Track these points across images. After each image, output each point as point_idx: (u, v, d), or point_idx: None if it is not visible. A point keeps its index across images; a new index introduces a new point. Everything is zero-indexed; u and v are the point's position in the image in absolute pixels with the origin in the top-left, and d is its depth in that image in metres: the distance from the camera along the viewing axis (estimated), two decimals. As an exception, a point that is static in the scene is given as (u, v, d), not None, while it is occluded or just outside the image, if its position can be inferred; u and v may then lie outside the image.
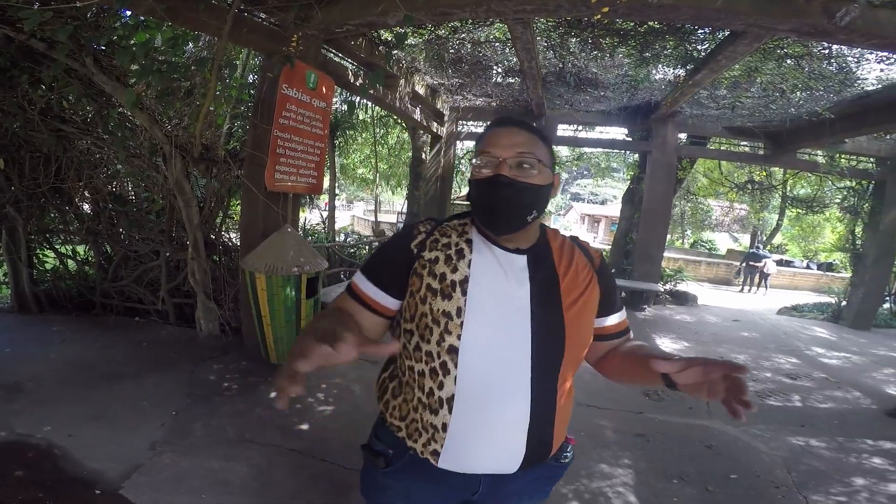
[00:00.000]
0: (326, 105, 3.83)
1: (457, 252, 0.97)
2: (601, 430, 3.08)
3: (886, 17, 2.62)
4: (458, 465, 0.95)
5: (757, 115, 6.19)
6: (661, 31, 3.98)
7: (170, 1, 2.50)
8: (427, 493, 1.01)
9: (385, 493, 1.04)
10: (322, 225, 9.39)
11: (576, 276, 1.00)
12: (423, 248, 0.99)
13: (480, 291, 0.93)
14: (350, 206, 31.77)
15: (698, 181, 12.00)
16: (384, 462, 1.01)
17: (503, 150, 0.92)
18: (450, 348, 0.91)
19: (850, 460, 2.96)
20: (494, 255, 0.97)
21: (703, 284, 14.53)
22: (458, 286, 0.93)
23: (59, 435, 2.41)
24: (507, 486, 1.03)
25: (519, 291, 0.94)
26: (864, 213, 7.97)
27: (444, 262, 0.96)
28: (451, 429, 0.92)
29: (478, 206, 0.96)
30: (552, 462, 1.07)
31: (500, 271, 0.95)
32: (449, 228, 1.02)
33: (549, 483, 1.12)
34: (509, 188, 0.90)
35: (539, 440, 0.96)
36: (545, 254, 1.01)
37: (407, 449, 0.98)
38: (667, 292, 8.33)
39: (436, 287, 0.94)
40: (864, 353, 5.87)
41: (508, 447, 0.94)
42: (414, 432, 0.97)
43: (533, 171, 0.92)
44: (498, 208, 0.92)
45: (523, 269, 0.96)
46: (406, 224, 1.03)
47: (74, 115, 3.93)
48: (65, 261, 4.60)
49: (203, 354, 3.59)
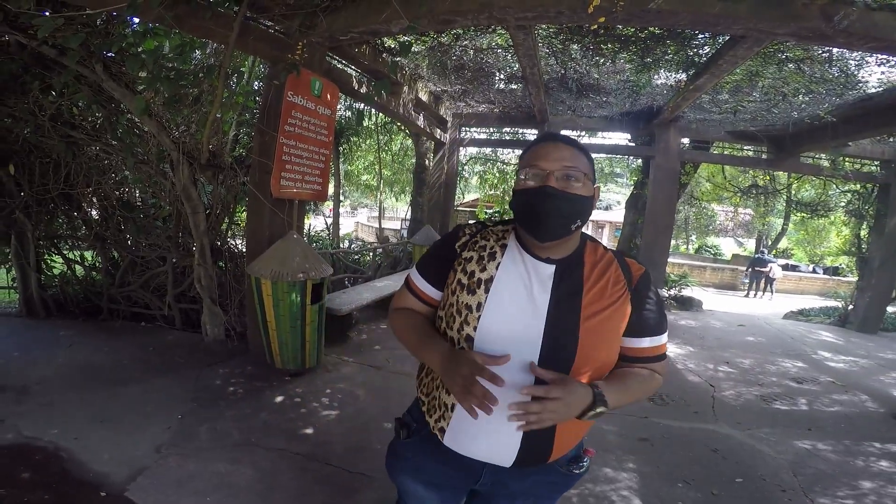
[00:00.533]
0: (331, 112, 3.88)
1: (489, 254, 1.06)
2: (605, 434, 3.06)
3: (883, 19, 2.64)
4: (459, 445, 1.03)
5: (759, 119, 6.20)
6: (662, 36, 4.01)
7: (178, 9, 2.56)
8: (435, 473, 1.11)
9: (400, 463, 1.16)
10: (326, 231, 9.44)
11: (603, 290, 1.02)
12: (464, 248, 1.10)
13: (502, 291, 1.01)
14: (354, 212, 31.92)
15: (702, 186, 11.99)
16: (406, 433, 1.13)
17: (550, 163, 0.98)
18: (467, 337, 1.00)
19: (857, 463, 2.93)
20: (524, 261, 1.04)
21: (708, 290, 14.47)
22: (482, 283, 1.02)
23: (66, 437, 2.43)
24: (511, 484, 1.07)
25: (540, 297, 1.00)
26: (869, 217, 7.92)
27: (476, 261, 1.06)
28: (458, 409, 1.01)
29: (524, 215, 1.01)
30: (562, 469, 1.09)
31: (525, 276, 1.02)
32: (490, 233, 1.11)
33: (557, 490, 1.15)
34: (556, 198, 0.96)
35: (535, 441, 0.99)
36: (576, 265, 1.04)
37: (426, 424, 1.09)
38: (671, 298, 8.29)
39: (464, 282, 1.04)
40: (872, 357, 5.82)
41: (504, 440, 0.99)
42: (432, 409, 1.08)
43: (577, 184, 0.99)
44: (544, 217, 0.97)
45: (549, 278, 1.02)
46: (456, 225, 1.15)
47: (84, 121, 3.99)
48: (72, 266, 4.66)
49: (209, 359, 3.61)
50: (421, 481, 1.13)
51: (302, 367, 3.51)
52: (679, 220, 14.63)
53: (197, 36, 3.12)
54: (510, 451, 0.99)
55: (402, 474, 1.15)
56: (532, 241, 1.03)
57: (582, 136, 8.15)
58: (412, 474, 1.13)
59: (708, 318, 7.65)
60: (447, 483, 1.12)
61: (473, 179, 10.58)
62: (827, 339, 6.75)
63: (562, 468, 1.09)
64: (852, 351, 6.08)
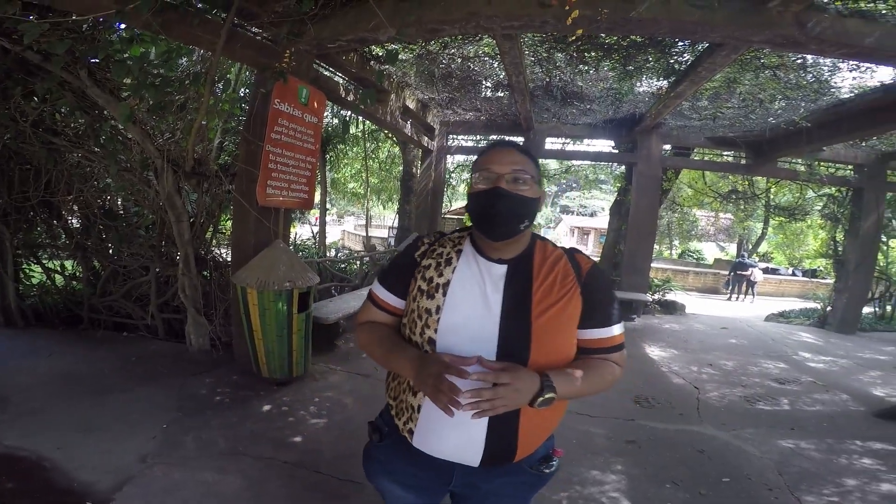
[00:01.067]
0: (318, 120, 3.87)
1: (446, 260, 1.11)
2: (593, 437, 3.09)
3: (854, 26, 2.74)
4: (427, 446, 1.06)
5: (737, 125, 6.36)
6: (643, 44, 4.11)
7: (165, 15, 2.55)
8: (407, 474, 1.13)
9: (375, 466, 1.19)
10: (313, 240, 9.38)
11: (552, 286, 1.07)
12: (423, 256, 1.15)
13: (458, 294, 1.06)
14: (340, 220, 31.75)
15: (683, 192, 12.21)
16: (379, 436, 1.17)
17: (501, 166, 1.04)
18: (429, 339, 1.05)
19: (840, 461, 3.00)
20: (477, 264, 1.09)
21: (691, 294, 14.67)
22: (440, 288, 1.07)
23: (48, 447, 2.38)
24: (483, 484, 1.11)
25: (493, 296, 1.05)
26: (844, 220, 8.14)
27: (434, 268, 1.11)
28: (423, 410, 1.05)
29: (477, 216, 1.07)
30: (532, 469, 1.12)
31: (478, 277, 1.07)
32: (447, 240, 1.17)
33: (529, 490, 1.18)
34: (506, 199, 1.02)
35: (500, 438, 1.03)
36: (525, 264, 1.10)
37: (395, 427, 1.12)
38: (655, 302, 8.41)
39: (424, 288, 1.09)
40: (851, 357, 5.97)
41: (469, 438, 1.02)
42: (400, 411, 1.12)
43: (525, 186, 1.05)
44: (495, 216, 1.03)
45: (501, 277, 1.07)
46: (416, 236, 1.21)
47: (66, 127, 3.92)
48: (52, 276, 4.55)
49: (193, 368, 3.56)
50: (396, 482, 1.15)
51: (289, 376, 3.48)
52: (662, 226, 14.87)
53: (184, 43, 3.10)
54: (476, 450, 1.02)
55: (378, 476, 1.18)
56: (485, 242, 1.09)
57: (567, 143, 8.26)
58: (387, 476, 1.16)
59: (691, 322, 7.77)
60: (421, 484, 1.14)
61: (461, 187, 10.62)
62: (807, 340, 6.90)
63: (531, 468, 1.12)
64: (832, 351, 6.23)
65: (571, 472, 2.61)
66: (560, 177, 13.97)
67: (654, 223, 7.89)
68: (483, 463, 1.03)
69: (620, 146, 7.91)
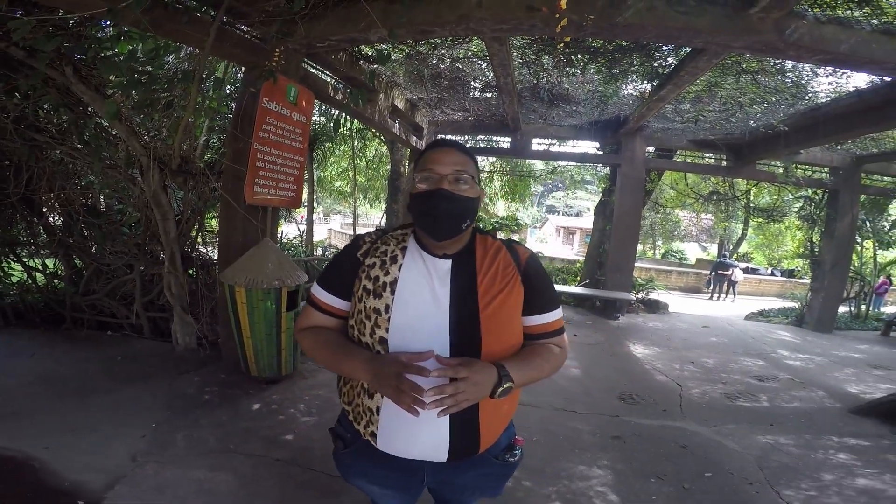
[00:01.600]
0: (306, 119, 3.86)
1: (391, 258, 1.11)
2: (579, 433, 3.15)
3: (831, 33, 2.85)
4: (393, 447, 1.06)
5: (718, 129, 6.51)
6: (629, 48, 4.19)
7: (154, 12, 2.52)
8: (379, 476, 1.14)
9: (349, 470, 1.18)
10: (300, 238, 9.32)
11: (495, 276, 1.10)
12: (366, 255, 1.13)
13: (406, 291, 1.06)
14: (327, 219, 31.52)
15: (666, 193, 12.41)
16: (343, 445, 1.15)
17: (443, 167, 1.06)
18: (380, 339, 1.04)
19: (818, 456, 3.09)
20: (423, 260, 1.10)
21: (673, 293, 14.94)
22: (387, 286, 1.07)
23: (35, 447, 2.34)
24: (455, 479, 1.14)
25: (441, 291, 1.06)
26: (820, 221, 8.38)
27: (379, 266, 1.10)
28: (383, 411, 1.04)
29: (420, 216, 1.08)
30: (497, 460, 1.16)
31: (426, 274, 1.08)
32: (390, 238, 1.16)
33: (500, 480, 1.22)
34: (448, 200, 1.04)
35: (463, 432, 1.04)
36: (468, 258, 1.12)
37: (357, 432, 1.11)
38: (639, 301, 8.55)
39: (370, 288, 1.08)
40: (827, 355, 6.16)
41: (433, 435, 1.03)
42: (358, 416, 1.10)
43: (466, 186, 1.07)
44: (439, 218, 1.05)
45: (447, 272, 1.09)
46: (355, 236, 1.21)
47: (48, 124, 3.85)
48: (33, 274, 4.46)
49: (181, 368, 3.53)
50: (372, 482, 1.16)
51: (278, 375, 3.47)
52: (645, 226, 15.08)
53: (173, 40, 3.08)
54: (442, 446, 1.03)
55: (354, 478, 1.18)
56: (429, 240, 1.10)
57: (553, 144, 8.36)
58: (363, 477, 1.16)
59: (674, 321, 7.92)
60: (396, 484, 1.15)
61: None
62: (785, 339, 7.10)
63: (497, 459, 1.16)
64: (809, 349, 6.42)
65: (560, 468, 2.66)
66: (546, 177, 14.07)
67: (637, 223, 8.03)
68: (450, 458, 1.05)
69: (605, 148, 8.03)
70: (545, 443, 2.96)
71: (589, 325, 6.75)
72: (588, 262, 9.19)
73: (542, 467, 2.64)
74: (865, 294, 9.56)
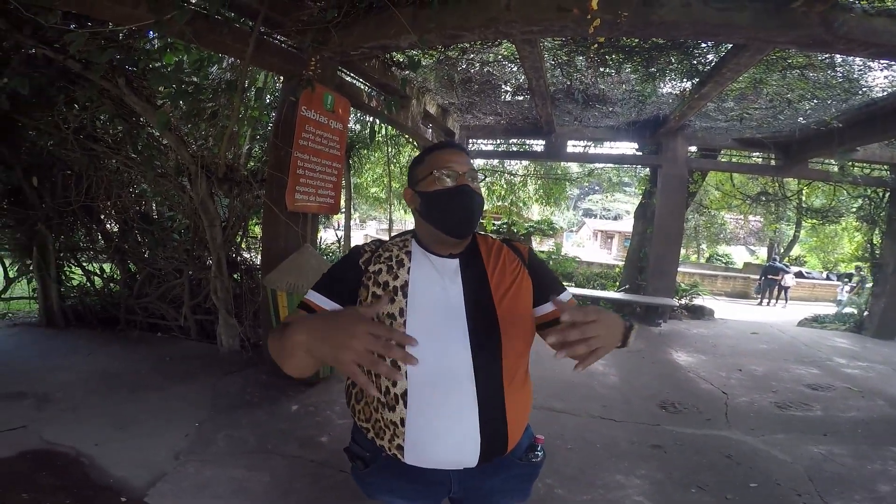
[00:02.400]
0: (343, 126, 3.96)
1: (397, 262, 1.09)
2: (617, 441, 3.06)
3: (882, 25, 2.68)
4: (421, 459, 1.02)
5: (765, 126, 6.22)
6: (665, 46, 4.08)
7: (196, 24, 2.66)
8: (405, 490, 1.10)
9: (373, 488, 1.14)
10: (338, 244, 9.51)
11: (504, 270, 1.10)
12: (369, 262, 1.11)
13: (419, 293, 1.04)
14: (363, 225, 32.05)
15: (710, 194, 11.92)
16: (363, 464, 1.11)
17: (460, 165, 1.08)
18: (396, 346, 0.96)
19: (875, 467, 2.90)
20: (430, 261, 1.09)
21: (719, 299, 14.33)
22: (399, 290, 1.04)
23: (86, 443, 2.49)
24: (483, 484, 1.11)
25: (452, 290, 1.06)
26: (881, 222, 7.84)
27: (386, 271, 1.08)
28: (409, 423, 1.00)
29: (441, 214, 1.07)
30: (522, 461, 1.14)
31: (435, 274, 1.07)
32: (391, 245, 1.15)
33: (526, 482, 1.19)
34: (473, 196, 1.07)
35: (493, 429, 1.02)
36: (475, 255, 1.13)
37: (378, 449, 1.07)
38: (682, 307, 8.24)
39: (380, 293, 1.05)
40: (889, 363, 5.73)
41: (464, 436, 1.00)
42: (380, 431, 1.05)
43: (478, 185, 1.11)
44: (468, 212, 1.06)
45: (456, 271, 1.09)
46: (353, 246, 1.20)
47: (105, 134, 4.10)
48: (91, 278, 4.77)
49: (225, 369, 3.68)
50: (398, 497, 1.13)
51: (316, 377, 3.56)
52: (688, 229, 14.55)
53: (214, 51, 3.22)
54: (473, 447, 1.00)
55: (378, 494, 1.14)
56: (434, 241, 1.10)
57: (589, 146, 8.20)
58: (387, 493, 1.13)
59: (720, 327, 7.60)
60: (421, 495, 1.12)
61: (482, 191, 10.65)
62: (842, 346, 6.66)
63: (521, 460, 1.14)
64: (868, 357, 5.99)
65: (595, 476, 2.60)
66: (582, 179, 13.81)
67: (680, 226, 7.75)
68: (481, 460, 1.02)
69: (644, 148, 7.80)
70: (581, 451, 2.89)
71: (628, 331, 6.56)
72: (628, 267, 8.95)
73: (577, 475, 2.59)
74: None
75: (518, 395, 1.07)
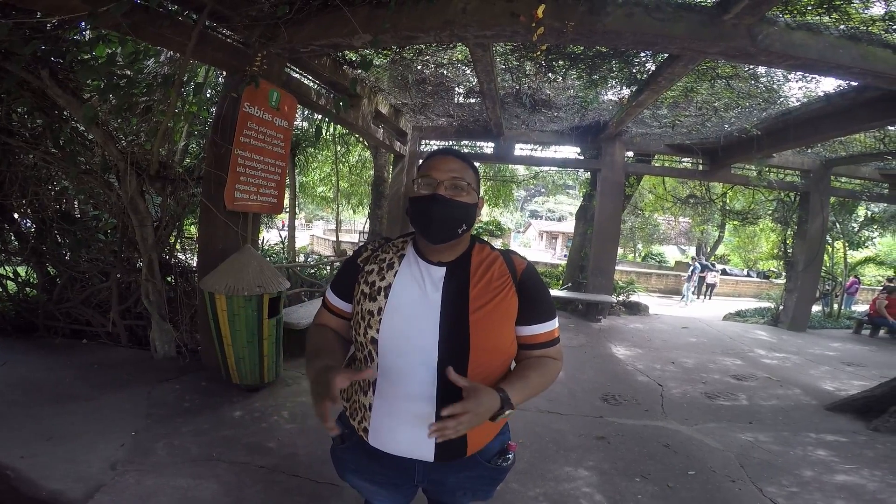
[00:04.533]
0: (288, 124, 3.84)
1: (388, 265, 1.16)
2: (564, 434, 3.17)
3: (801, 38, 2.95)
4: (383, 443, 1.11)
5: (694, 133, 6.67)
6: (608, 54, 4.28)
7: (135, 16, 2.49)
8: (373, 472, 1.17)
9: (344, 465, 1.22)
10: (281, 245, 9.20)
11: (488, 285, 1.12)
12: (366, 262, 1.20)
13: (399, 295, 1.11)
14: (309, 225, 31.18)
15: (645, 197, 12.62)
16: (340, 440, 1.19)
17: (440, 174, 1.10)
18: (371, 339, 1.09)
19: (797, 452, 3.16)
20: (418, 267, 1.14)
21: (653, 295, 15.19)
22: (382, 290, 1.12)
23: (11, 456, 2.28)
24: (446, 479, 1.16)
25: (433, 297, 1.10)
26: (792, 223, 8.61)
27: (376, 272, 1.16)
28: (374, 408, 1.10)
29: (417, 220, 1.12)
30: (489, 464, 1.18)
31: (419, 280, 1.12)
32: (391, 246, 1.22)
33: (491, 483, 1.23)
34: (444, 205, 1.09)
35: None
36: (463, 266, 1.15)
37: (353, 428, 1.16)
38: (620, 303, 8.67)
39: (367, 292, 1.14)
40: (802, 353, 6.33)
41: (420, 433, 1.03)
42: (353, 411, 1.16)
43: (463, 193, 1.11)
44: (433, 221, 1.09)
45: (440, 279, 1.12)
46: (361, 244, 1.26)
47: (22, 128, 3.74)
48: (4, 282, 4.32)
49: (160, 376, 3.45)
50: (365, 479, 1.20)
51: (260, 382, 3.42)
52: (625, 230, 15.32)
53: (153, 44, 3.02)
54: (429, 445, 1.07)
55: (348, 474, 1.22)
56: (425, 246, 1.15)
57: (535, 150, 8.44)
58: (356, 474, 1.20)
59: (654, 322, 8.06)
60: (388, 481, 1.17)
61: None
62: (762, 338, 7.27)
63: (489, 462, 1.18)
64: (784, 348, 6.58)
65: (546, 469, 2.68)
66: (528, 182, 14.20)
67: (617, 227, 8.15)
68: (436, 458, 1.08)
69: (586, 152, 8.14)
70: (531, 445, 2.97)
71: (572, 328, 6.81)
72: (570, 266, 9.29)
73: (529, 469, 2.66)
74: (836, 294, 9.86)
75: None
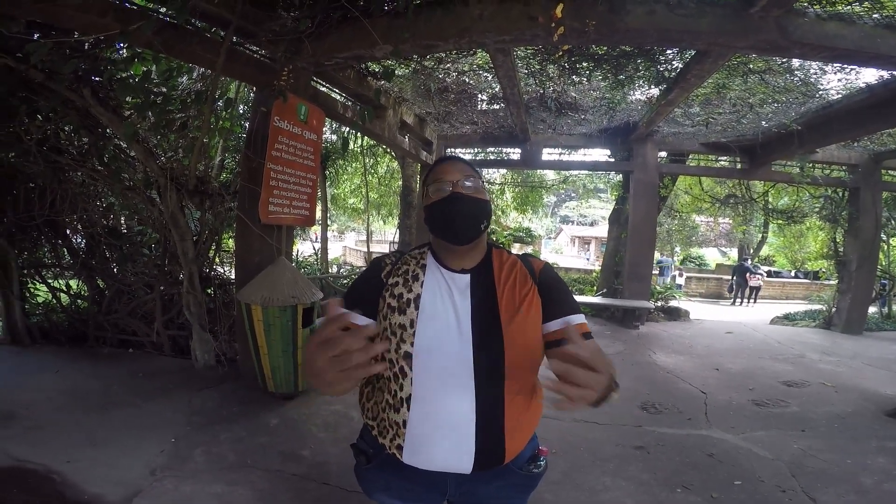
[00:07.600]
0: (317, 137, 3.93)
1: (412, 276, 1.14)
2: (599, 444, 3.08)
3: (834, 29, 2.81)
4: (419, 460, 1.07)
5: (730, 131, 6.42)
6: (633, 53, 4.19)
7: (165, 34, 2.61)
8: (402, 489, 1.14)
9: (372, 485, 1.19)
10: (314, 256, 9.41)
11: (514, 288, 1.11)
12: (389, 275, 1.16)
13: (430, 306, 1.09)
14: (341, 236, 31.77)
15: (681, 198, 12.22)
16: (365, 460, 1.17)
17: (452, 175, 1.11)
18: (405, 354, 1.06)
19: (855, 461, 2.96)
20: (443, 276, 1.13)
21: (694, 299, 14.64)
22: (411, 302, 1.09)
23: (57, 460, 2.39)
24: (478, 490, 1.13)
25: (462, 304, 1.09)
26: (842, 221, 8.14)
27: (402, 284, 1.13)
28: (410, 425, 1.06)
29: (439, 223, 1.12)
30: (521, 471, 1.14)
31: (447, 289, 1.11)
32: (409, 257, 1.20)
33: (523, 491, 1.20)
34: (464, 201, 1.09)
35: (489, 442, 1.05)
36: (487, 271, 1.15)
37: (381, 447, 1.12)
38: (659, 309, 8.40)
39: (394, 305, 1.10)
40: (858, 357, 5.93)
41: (459, 445, 1.03)
42: (383, 430, 1.12)
43: (476, 189, 1.12)
44: (458, 220, 1.09)
45: (466, 286, 1.12)
46: (375, 258, 1.24)
47: (70, 146, 3.95)
48: (57, 294, 4.58)
49: (200, 384, 3.57)
50: (394, 497, 1.16)
51: (295, 391, 3.48)
52: (661, 233, 14.85)
53: (184, 61, 3.17)
54: (468, 456, 1.04)
55: (376, 493, 1.19)
56: (447, 254, 1.15)
57: (563, 154, 8.34)
58: (385, 492, 1.17)
59: (696, 327, 7.76)
60: (418, 497, 1.15)
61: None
62: (814, 342, 6.86)
63: (521, 470, 1.15)
64: (839, 352, 6.19)
65: (581, 479, 2.60)
66: (558, 187, 14.02)
67: (653, 230, 7.92)
68: (475, 468, 1.05)
69: (616, 155, 7.96)
70: (565, 455, 2.89)
71: (608, 335, 6.63)
72: (605, 272, 9.07)
73: (563, 479, 2.59)
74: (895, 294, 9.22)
75: (521, 409, 1.09)
